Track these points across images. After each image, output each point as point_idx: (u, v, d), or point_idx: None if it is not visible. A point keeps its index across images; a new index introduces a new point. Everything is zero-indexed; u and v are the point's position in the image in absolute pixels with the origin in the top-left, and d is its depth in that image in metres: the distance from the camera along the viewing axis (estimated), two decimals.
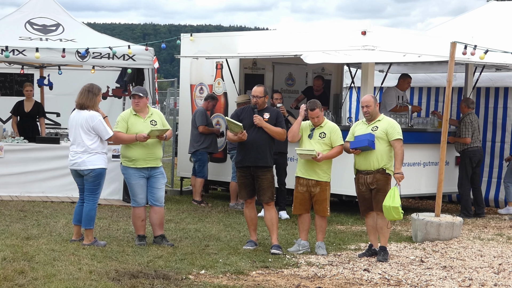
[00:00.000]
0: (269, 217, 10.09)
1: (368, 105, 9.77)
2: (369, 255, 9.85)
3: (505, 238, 11.70)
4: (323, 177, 9.92)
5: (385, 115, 10.07)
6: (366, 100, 9.84)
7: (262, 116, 10.05)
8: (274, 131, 10.02)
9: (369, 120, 9.85)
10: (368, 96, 9.97)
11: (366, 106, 9.78)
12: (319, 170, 9.89)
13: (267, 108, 10.26)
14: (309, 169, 9.91)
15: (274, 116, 10.14)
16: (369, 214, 9.89)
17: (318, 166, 9.86)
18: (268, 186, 9.99)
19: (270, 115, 10.11)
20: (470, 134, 13.77)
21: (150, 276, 8.24)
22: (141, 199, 10.07)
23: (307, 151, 9.77)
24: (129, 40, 20.35)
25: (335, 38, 13.33)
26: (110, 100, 17.67)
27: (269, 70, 15.40)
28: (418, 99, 16.49)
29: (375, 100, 9.84)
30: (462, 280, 8.74)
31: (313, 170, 9.89)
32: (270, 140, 10.08)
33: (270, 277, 8.58)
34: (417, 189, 13.96)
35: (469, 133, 13.77)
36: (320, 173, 9.90)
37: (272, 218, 10.07)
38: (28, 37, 14.42)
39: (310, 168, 9.90)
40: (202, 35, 16.05)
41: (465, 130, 13.78)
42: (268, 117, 10.06)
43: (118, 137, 10.04)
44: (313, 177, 9.90)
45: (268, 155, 10.04)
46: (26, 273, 8.07)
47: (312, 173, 9.90)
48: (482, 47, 11.85)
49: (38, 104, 15.59)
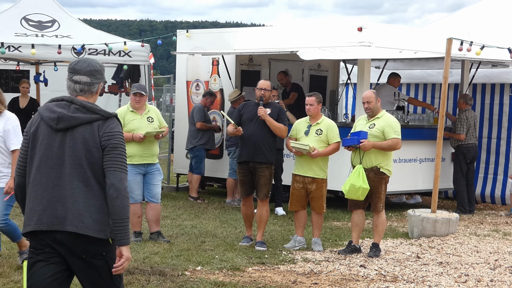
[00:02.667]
0: (260, 214, 10.07)
1: (369, 101, 9.73)
2: (348, 251, 9.82)
3: (501, 234, 11.72)
4: (319, 174, 9.90)
5: (386, 112, 10.02)
6: (367, 96, 9.80)
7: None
8: (276, 126, 9.95)
9: (370, 116, 9.82)
10: (370, 91, 9.92)
11: (367, 102, 9.74)
12: (315, 167, 9.87)
13: (270, 103, 10.19)
14: (306, 166, 9.89)
15: (276, 112, 10.05)
16: (356, 210, 9.86)
17: (315, 163, 9.84)
18: (265, 183, 9.94)
19: (272, 110, 10.04)
20: (465, 131, 13.79)
21: (146, 272, 8.24)
22: (138, 196, 10.06)
23: (301, 145, 9.75)
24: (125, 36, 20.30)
25: (331, 35, 13.33)
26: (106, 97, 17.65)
27: (265, 67, 15.39)
28: (414, 95, 16.49)
29: (377, 96, 9.80)
30: (458, 276, 8.75)
31: (309, 167, 9.88)
32: (270, 136, 9.99)
33: (266, 273, 8.58)
34: (413, 186, 13.98)
35: (463, 130, 13.78)
36: (317, 170, 9.89)
37: (262, 215, 10.05)
38: (24, 33, 14.39)
39: (307, 165, 9.88)
40: (198, 31, 16.04)
41: (460, 126, 13.80)
42: (269, 112, 9.99)
43: None
44: (309, 174, 9.89)
45: (268, 150, 9.93)
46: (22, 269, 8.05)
47: (309, 170, 9.89)
48: (478, 43, 11.87)
49: (33, 101, 15.56)
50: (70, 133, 4.66)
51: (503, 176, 14.80)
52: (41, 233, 4.59)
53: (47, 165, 4.65)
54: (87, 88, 4.80)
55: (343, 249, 9.94)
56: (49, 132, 4.68)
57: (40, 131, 4.70)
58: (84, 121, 4.68)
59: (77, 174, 4.62)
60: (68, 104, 4.73)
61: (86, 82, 4.79)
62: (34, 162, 4.70)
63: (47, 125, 4.68)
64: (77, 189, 4.60)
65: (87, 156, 4.63)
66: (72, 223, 4.56)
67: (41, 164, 4.67)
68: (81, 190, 4.60)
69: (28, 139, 4.75)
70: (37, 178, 4.66)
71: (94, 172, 4.64)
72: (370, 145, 9.54)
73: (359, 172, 9.47)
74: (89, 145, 4.64)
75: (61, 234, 4.57)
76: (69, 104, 4.73)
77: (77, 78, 4.79)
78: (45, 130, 4.69)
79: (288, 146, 10.09)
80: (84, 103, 4.72)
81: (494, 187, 14.96)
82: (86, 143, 4.64)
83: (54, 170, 4.64)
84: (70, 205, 4.58)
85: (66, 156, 4.64)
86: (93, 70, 4.82)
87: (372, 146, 9.56)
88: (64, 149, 4.65)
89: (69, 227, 4.56)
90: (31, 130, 4.74)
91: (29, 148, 4.73)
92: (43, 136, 4.69)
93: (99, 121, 4.71)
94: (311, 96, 9.96)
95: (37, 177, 4.66)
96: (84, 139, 4.64)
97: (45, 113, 4.72)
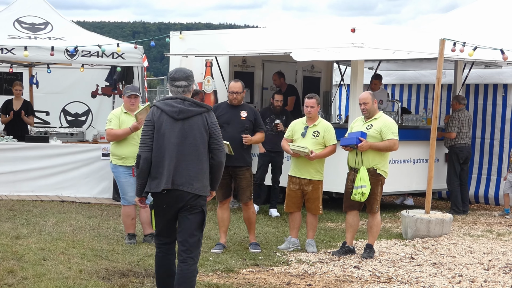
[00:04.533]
0: (247, 216, 10.04)
1: (365, 102, 9.72)
2: (342, 253, 9.83)
3: (494, 235, 11.73)
4: (315, 176, 9.90)
5: (383, 113, 10.02)
6: (363, 97, 9.79)
7: (239, 113, 9.85)
8: (257, 140, 10.03)
9: (367, 118, 9.82)
10: (366, 93, 9.90)
11: (364, 103, 9.73)
12: (311, 169, 9.87)
13: (244, 105, 10.08)
14: (302, 168, 9.88)
15: (252, 115, 9.98)
16: (351, 211, 9.86)
17: (311, 165, 9.84)
18: (247, 185, 9.89)
19: (248, 112, 9.98)
20: (457, 130, 13.81)
21: (140, 274, 8.23)
22: (131, 198, 10.05)
23: (301, 148, 9.74)
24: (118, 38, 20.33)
25: (324, 36, 13.33)
26: (99, 99, 17.66)
27: (259, 68, 15.39)
28: (407, 96, 16.52)
29: (373, 97, 9.78)
30: (452, 277, 8.76)
31: (305, 169, 9.87)
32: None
33: (260, 275, 8.58)
34: (407, 186, 13.99)
35: (455, 129, 13.81)
36: (313, 172, 9.88)
37: (250, 217, 10.02)
38: (17, 36, 14.38)
39: (303, 167, 9.87)
40: (191, 33, 16.02)
41: (452, 125, 13.83)
42: (245, 116, 9.95)
43: (113, 134, 10.03)
44: (306, 176, 9.88)
45: (246, 153, 9.88)
46: (16, 272, 8.05)
47: (305, 172, 9.88)
48: (471, 44, 11.87)
49: (26, 103, 15.54)
50: (187, 121, 6.54)
51: (496, 177, 14.83)
52: (164, 192, 6.49)
53: (170, 143, 6.51)
54: (186, 89, 6.68)
55: (337, 250, 9.93)
56: (171, 121, 6.54)
57: (162, 120, 6.55)
58: (197, 112, 6.58)
59: (193, 150, 6.52)
60: (181, 101, 6.60)
61: (185, 85, 6.68)
62: (160, 141, 6.53)
63: (169, 116, 6.55)
64: (192, 161, 6.52)
65: (200, 137, 6.55)
66: (188, 185, 6.49)
67: (166, 142, 6.51)
68: (194, 161, 6.52)
69: (153, 125, 6.58)
70: (164, 152, 6.50)
71: (204, 148, 6.57)
72: (367, 145, 9.55)
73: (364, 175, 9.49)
74: (201, 130, 6.56)
75: (180, 192, 6.50)
76: (182, 101, 6.60)
77: (178, 83, 6.67)
78: (167, 119, 6.55)
79: (284, 147, 10.07)
80: (194, 100, 6.64)
81: (488, 188, 14.98)
82: (199, 129, 6.56)
83: (176, 146, 6.50)
84: (186, 172, 6.48)
85: (185, 138, 6.51)
86: (187, 76, 6.72)
87: (369, 146, 9.56)
88: (183, 132, 6.52)
89: (186, 188, 6.49)
90: (154, 119, 6.59)
91: (154, 131, 6.55)
92: (165, 123, 6.54)
93: (205, 113, 6.59)
94: (311, 98, 9.92)
95: (162, 152, 6.51)
96: (198, 125, 6.55)
97: (166, 108, 6.58)
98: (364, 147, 9.54)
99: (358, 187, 9.48)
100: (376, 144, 9.59)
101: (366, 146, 9.54)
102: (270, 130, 12.62)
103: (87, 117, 17.84)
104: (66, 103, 17.76)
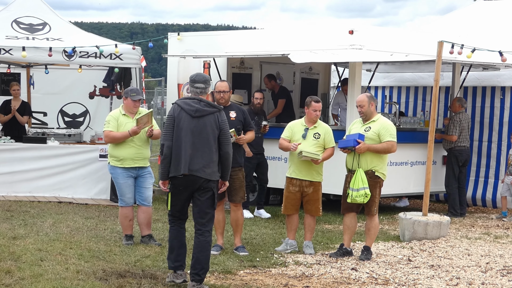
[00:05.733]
0: (235, 218, 9.97)
1: (361, 105, 9.72)
2: (340, 254, 9.82)
3: (492, 237, 11.73)
4: (316, 178, 9.94)
5: (381, 115, 10.01)
6: (360, 100, 9.79)
7: (228, 115, 9.75)
8: (250, 139, 10.09)
9: (365, 120, 9.81)
10: (363, 95, 9.89)
11: (360, 106, 9.72)
12: (313, 171, 9.89)
13: (231, 105, 10.06)
14: (304, 170, 9.88)
15: (240, 115, 9.96)
16: (349, 213, 9.86)
17: (313, 167, 9.86)
18: (240, 186, 9.83)
19: (236, 113, 9.96)
20: (457, 133, 13.80)
21: (137, 275, 8.22)
22: (129, 199, 10.05)
23: (314, 155, 9.73)
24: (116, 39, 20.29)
25: (322, 37, 13.33)
26: (97, 100, 17.65)
27: (257, 69, 15.39)
28: (405, 98, 16.52)
29: (370, 100, 9.76)
30: (449, 279, 8.76)
31: (307, 171, 9.88)
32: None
33: (257, 277, 8.57)
34: (405, 189, 13.99)
35: (456, 131, 13.80)
36: (314, 174, 9.92)
37: (238, 219, 9.97)
38: (14, 36, 14.36)
39: (305, 169, 9.87)
40: (189, 34, 16.02)
41: (453, 127, 13.82)
42: (234, 116, 9.92)
43: (111, 136, 10.00)
44: (307, 178, 9.90)
45: (238, 154, 9.78)
46: (13, 273, 8.03)
47: (306, 174, 9.89)
48: (469, 46, 11.88)
49: (24, 103, 15.53)
50: (202, 119, 7.72)
51: (494, 179, 14.83)
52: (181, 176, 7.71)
53: (187, 136, 7.68)
54: (203, 90, 7.87)
55: (335, 252, 9.93)
56: (188, 118, 7.72)
57: (181, 116, 7.74)
58: (210, 112, 7.76)
59: (205, 143, 7.70)
60: (198, 101, 7.78)
61: (203, 87, 7.88)
62: (178, 134, 7.72)
63: (187, 113, 7.72)
64: (205, 151, 7.70)
65: (212, 133, 7.74)
66: (201, 171, 7.69)
67: (183, 135, 7.69)
68: (206, 152, 7.70)
69: (174, 120, 7.76)
70: (181, 143, 7.68)
71: (215, 142, 7.75)
72: (365, 147, 9.55)
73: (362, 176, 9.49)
74: (213, 127, 7.74)
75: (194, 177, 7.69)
76: (198, 101, 7.78)
77: (197, 85, 7.87)
78: (185, 116, 7.73)
79: (283, 145, 10.00)
80: (208, 102, 7.84)
81: (485, 190, 14.99)
82: (211, 126, 7.74)
83: (191, 139, 7.68)
84: (200, 160, 7.67)
85: (199, 133, 7.69)
86: (205, 80, 7.95)
87: (367, 148, 9.56)
88: (198, 128, 7.69)
89: (200, 174, 7.68)
90: (175, 115, 7.77)
91: (174, 125, 7.73)
92: (183, 119, 7.73)
93: (217, 113, 7.77)
94: (318, 102, 9.91)
95: (180, 143, 7.69)
96: (210, 123, 7.74)
97: (185, 106, 7.75)
98: (362, 149, 9.54)
99: (360, 189, 9.47)
100: (374, 146, 9.59)
101: (364, 148, 9.54)
102: (256, 132, 12.59)
103: (85, 118, 17.84)
104: (64, 104, 17.76)
